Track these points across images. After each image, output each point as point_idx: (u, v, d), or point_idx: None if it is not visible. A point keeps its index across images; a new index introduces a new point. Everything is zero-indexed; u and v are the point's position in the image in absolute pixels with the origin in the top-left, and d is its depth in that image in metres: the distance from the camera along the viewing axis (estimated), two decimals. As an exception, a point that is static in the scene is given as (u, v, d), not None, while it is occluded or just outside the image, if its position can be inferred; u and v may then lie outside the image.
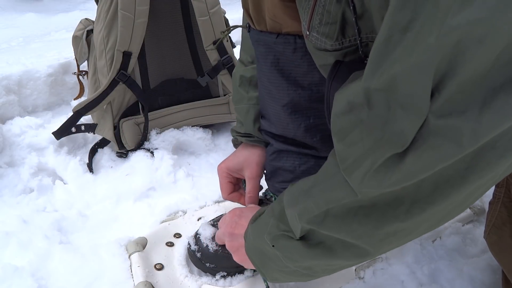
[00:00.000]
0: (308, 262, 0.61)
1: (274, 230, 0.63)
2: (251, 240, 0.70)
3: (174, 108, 1.40)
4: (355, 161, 0.48)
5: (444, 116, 0.39)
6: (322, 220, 0.55)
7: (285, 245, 0.62)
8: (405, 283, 0.85)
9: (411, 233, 0.53)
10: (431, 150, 0.41)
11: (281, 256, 0.63)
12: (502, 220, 0.68)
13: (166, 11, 1.37)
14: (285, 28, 0.72)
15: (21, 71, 1.62)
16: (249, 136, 0.90)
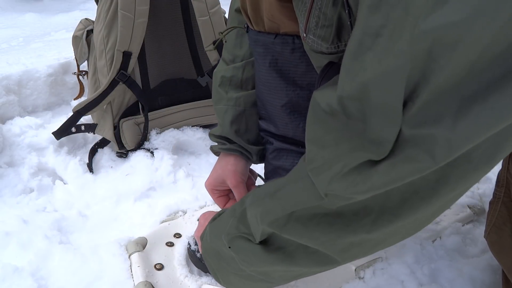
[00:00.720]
0: (266, 267, 0.59)
1: (233, 231, 0.61)
2: (208, 240, 0.69)
3: (174, 108, 1.40)
4: (324, 163, 0.46)
5: (417, 126, 0.38)
6: (284, 224, 0.53)
7: (243, 248, 0.60)
8: (405, 283, 0.85)
9: (378, 244, 0.52)
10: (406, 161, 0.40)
11: (237, 259, 0.62)
12: (503, 220, 0.68)
13: (166, 11, 1.37)
14: (283, 29, 0.72)
15: (21, 71, 1.62)
16: (224, 142, 0.87)
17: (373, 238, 0.49)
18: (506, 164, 0.67)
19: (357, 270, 0.88)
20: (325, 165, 0.46)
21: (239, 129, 0.87)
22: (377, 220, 0.46)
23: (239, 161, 0.87)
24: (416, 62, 0.36)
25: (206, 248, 0.70)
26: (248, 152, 0.87)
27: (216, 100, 0.89)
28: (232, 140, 0.87)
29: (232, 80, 0.87)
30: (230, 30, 0.88)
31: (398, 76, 0.37)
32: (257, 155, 0.88)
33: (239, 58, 0.87)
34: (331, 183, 0.46)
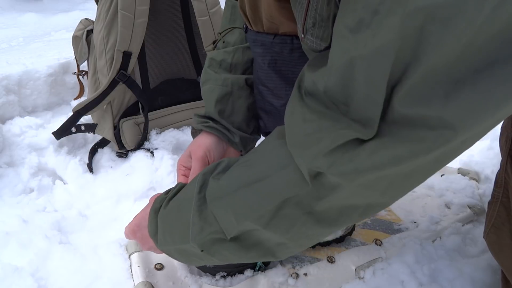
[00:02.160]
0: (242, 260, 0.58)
1: (200, 236, 0.56)
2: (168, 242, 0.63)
3: (174, 108, 1.40)
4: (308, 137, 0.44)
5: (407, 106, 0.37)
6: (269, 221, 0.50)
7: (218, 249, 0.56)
8: (405, 283, 0.85)
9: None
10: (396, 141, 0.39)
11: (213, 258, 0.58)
12: (501, 220, 0.68)
13: (166, 11, 1.37)
14: (282, 29, 0.73)
15: (21, 71, 1.62)
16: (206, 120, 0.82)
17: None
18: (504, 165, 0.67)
19: (357, 270, 0.88)
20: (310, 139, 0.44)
21: (224, 110, 0.83)
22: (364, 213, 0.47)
23: (211, 137, 0.82)
24: (407, 40, 0.35)
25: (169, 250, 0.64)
26: (231, 134, 0.82)
27: (204, 80, 0.87)
28: (216, 120, 0.82)
29: (222, 64, 0.86)
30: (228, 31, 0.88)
31: (386, 52, 0.36)
32: (240, 141, 0.83)
33: (230, 44, 0.86)
34: (316, 158, 0.44)
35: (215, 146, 0.81)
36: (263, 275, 0.86)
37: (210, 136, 0.81)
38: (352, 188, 0.45)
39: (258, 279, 0.85)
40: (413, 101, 0.37)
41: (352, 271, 0.88)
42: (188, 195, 0.59)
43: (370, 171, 0.41)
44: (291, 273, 0.87)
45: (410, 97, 0.37)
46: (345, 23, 0.40)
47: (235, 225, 0.53)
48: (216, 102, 0.82)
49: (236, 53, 0.85)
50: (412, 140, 0.38)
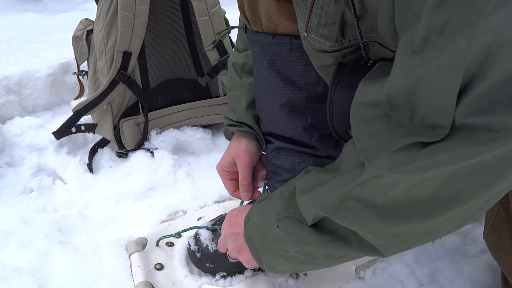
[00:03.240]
0: (314, 248, 0.60)
1: (282, 212, 0.62)
2: (254, 221, 0.69)
3: (174, 108, 1.40)
4: (378, 149, 0.47)
5: (470, 115, 0.39)
6: (336, 209, 0.54)
7: (292, 228, 0.60)
8: (405, 283, 0.85)
9: (429, 233, 0.52)
10: (454, 144, 0.41)
11: (284, 239, 0.62)
12: (501, 220, 0.68)
13: (166, 11, 1.37)
14: (281, 29, 0.72)
15: (21, 71, 1.62)
16: (240, 125, 0.88)
17: (423, 228, 0.50)
18: None
19: (357, 270, 0.88)
20: (378, 150, 0.47)
21: (255, 114, 0.87)
22: (428, 212, 0.47)
23: (251, 142, 0.88)
24: (475, 57, 0.37)
25: (251, 229, 0.69)
26: (261, 139, 0.88)
27: (231, 86, 0.91)
28: (249, 125, 0.87)
29: (244, 67, 0.88)
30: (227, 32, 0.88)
31: (455, 69, 0.39)
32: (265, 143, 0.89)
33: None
34: (377, 160, 0.47)
35: (256, 151, 0.89)
36: (263, 275, 0.86)
37: (249, 141, 0.88)
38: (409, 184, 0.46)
39: (258, 279, 0.85)
40: (476, 110, 0.39)
41: (352, 271, 0.88)
42: (282, 189, 0.66)
43: (429, 170, 0.43)
44: (291, 273, 0.87)
45: (474, 107, 0.39)
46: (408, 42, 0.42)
47: (311, 212, 0.57)
48: (247, 109, 0.87)
49: None
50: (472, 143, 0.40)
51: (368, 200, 0.50)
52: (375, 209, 0.50)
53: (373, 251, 0.55)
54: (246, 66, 0.88)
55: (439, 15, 0.39)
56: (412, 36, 0.42)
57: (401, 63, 0.44)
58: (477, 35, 0.36)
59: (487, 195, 0.45)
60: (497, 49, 0.36)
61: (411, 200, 0.47)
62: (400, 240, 0.53)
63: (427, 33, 0.40)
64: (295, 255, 0.63)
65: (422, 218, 0.48)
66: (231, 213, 0.81)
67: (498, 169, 0.42)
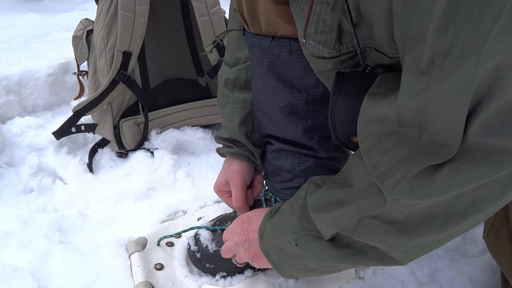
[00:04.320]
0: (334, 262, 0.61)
1: (298, 229, 0.63)
2: (269, 237, 0.69)
3: (174, 108, 1.40)
4: (389, 169, 0.48)
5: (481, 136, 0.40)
6: (354, 229, 0.55)
7: (310, 245, 0.62)
8: (405, 283, 0.85)
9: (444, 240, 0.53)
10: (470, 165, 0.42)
11: (304, 256, 0.63)
12: (500, 220, 0.68)
13: (166, 11, 1.37)
14: (280, 31, 0.72)
15: (21, 71, 1.62)
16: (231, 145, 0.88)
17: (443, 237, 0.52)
18: None
19: (357, 270, 0.88)
20: (390, 170, 0.48)
21: (247, 131, 0.87)
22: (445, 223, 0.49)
23: (242, 163, 0.88)
24: (482, 80, 0.38)
25: (268, 245, 0.70)
26: (254, 158, 0.88)
27: (223, 103, 0.90)
28: (241, 142, 0.87)
29: (236, 82, 0.87)
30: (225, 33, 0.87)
31: (463, 91, 0.39)
32: (260, 158, 0.89)
33: (241, 61, 0.87)
34: (395, 188, 0.48)
35: (247, 171, 0.89)
36: (263, 275, 0.86)
37: (240, 162, 0.88)
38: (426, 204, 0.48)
39: (258, 279, 0.85)
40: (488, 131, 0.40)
41: (352, 271, 0.88)
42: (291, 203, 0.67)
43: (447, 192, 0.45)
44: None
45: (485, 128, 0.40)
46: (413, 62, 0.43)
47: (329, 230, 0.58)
48: (240, 126, 0.87)
49: (249, 70, 0.85)
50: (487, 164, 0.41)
51: (386, 217, 0.52)
52: (393, 224, 0.52)
53: (391, 261, 0.57)
54: (238, 81, 0.87)
55: (443, 38, 0.40)
56: (417, 57, 0.42)
57: (408, 84, 0.45)
58: (483, 59, 0.37)
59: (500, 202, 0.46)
60: (504, 72, 0.37)
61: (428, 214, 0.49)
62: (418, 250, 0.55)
63: (432, 55, 0.41)
64: (316, 268, 0.65)
65: (439, 229, 0.49)
66: (241, 219, 0.80)
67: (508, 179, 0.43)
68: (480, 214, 0.47)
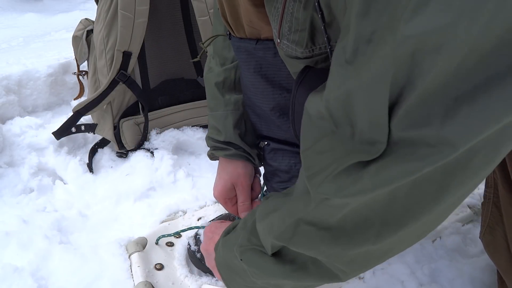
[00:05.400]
0: (277, 279, 0.59)
1: (244, 243, 0.61)
2: (221, 253, 0.68)
3: (174, 108, 1.40)
4: (321, 169, 0.46)
5: (406, 128, 0.37)
6: (290, 237, 0.53)
7: (254, 260, 0.59)
8: (405, 283, 0.85)
9: (385, 254, 0.51)
10: (396, 162, 0.39)
11: (249, 271, 0.61)
12: (495, 220, 0.68)
13: (166, 11, 1.37)
14: (264, 34, 0.72)
15: (21, 71, 1.62)
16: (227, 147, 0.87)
17: (379, 249, 0.49)
18: None
19: (357, 270, 0.88)
20: (321, 169, 0.46)
21: (241, 133, 0.86)
22: (381, 231, 0.46)
23: (247, 164, 0.88)
24: (400, 66, 0.35)
25: (219, 261, 0.69)
26: (252, 157, 0.87)
27: (213, 106, 0.89)
28: (237, 145, 0.86)
29: (225, 83, 0.86)
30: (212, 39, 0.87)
31: (381, 81, 0.37)
32: (257, 157, 0.89)
33: (229, 60, 0.86)
34: (322, 185, 0.46)
35: (252, 171, 0.90)
36: (263, 275, 0.86)
37: (244, 164, 0.88)
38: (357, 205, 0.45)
39: (258, 279, 0.85)
40: (411, 123, 0.37)
41: (352, 271, 0.88)
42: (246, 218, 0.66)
43: (374, 190, 0.42)
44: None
45: (408, 119, 0.37)
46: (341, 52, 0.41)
47: (268, 240, 0.56)
48: (234, 128, 0.86)
49: (238, 69, 0.85)
50: (412, 159, 0.38)
51: (321, 222, 0.49)
52: (329, 231, 0.49)
53: (331, 278, 0.54)
54: (227, 82, 0.86)
55: (365, 24, 0.37)
56: (345, 46, 0.40)
57: (335, 74, 0.42)
58: (399, 42, 0.34)
59: (438, 208, 0.43)
60: (421, 57, 0.34)
61: (363, 220, 0.46)
62: (358, 263, 0.52)
63: (356, 42, 0.38)
64: (262, 285, 0.62)
65: (375, 239, 0.46)
66: (209, 227, 0.81)
67: (441, 181, 0.40)
68: (417, 222, 0.44)
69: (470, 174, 0.40)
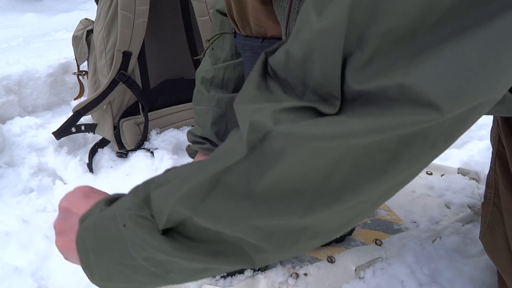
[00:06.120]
0: (166, 257, 0.46)
1: (133, 208, 0.47)
2: (93, 219, 0.53)
3: (174, 108, 1.40)
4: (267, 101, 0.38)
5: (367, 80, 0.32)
6: (203, 199, 0.40)
7: (141, 230, 0.45)
8: (405, 283, 0.85)
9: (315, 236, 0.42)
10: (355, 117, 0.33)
11: (131, 243, 0.47)
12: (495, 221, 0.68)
13: (166, 11, 1.37)
14: (270, 32, 0.72)
15: (21, 71, 1.62)
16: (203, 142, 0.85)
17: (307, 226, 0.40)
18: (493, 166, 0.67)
19: (357, 270, 0.88)
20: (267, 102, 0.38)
21: (219, 131, 0.85)
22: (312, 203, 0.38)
23: None
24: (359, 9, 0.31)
25: (87, 229, 0.53)
26: None
27: (197, 101, 0.88)
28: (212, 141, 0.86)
29: (213, 80, 0.86)
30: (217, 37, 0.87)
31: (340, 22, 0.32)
32: None
33: (220, 60, 0.86)
34: (261, 112, 0.37)
35: None
36: (263, 275, 0.86)
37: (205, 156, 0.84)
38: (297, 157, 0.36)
39: (258, 279, 0.85)
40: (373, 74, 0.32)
41: (352, 271, 0.88)
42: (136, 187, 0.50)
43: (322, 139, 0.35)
44: (291, 273, 0.87)
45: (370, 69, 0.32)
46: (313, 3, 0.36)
47: (167, 207, 0.43)
48: (212, 124, 0.84)
49: (227, 70, 0.85)
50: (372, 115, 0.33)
51: (245, 185, 0.39)
52: (251, 198, 0.39)
53: (239, 260, 0.44)
54: (215, 79, 0.86)
55: None
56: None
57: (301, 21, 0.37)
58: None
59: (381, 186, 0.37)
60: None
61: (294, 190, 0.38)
62: (274, 242, 0.41)
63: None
64: (142, 264, 0.48)
65: (303, 211, 0.38)
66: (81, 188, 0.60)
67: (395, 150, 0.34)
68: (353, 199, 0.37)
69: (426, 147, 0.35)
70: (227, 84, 0.85)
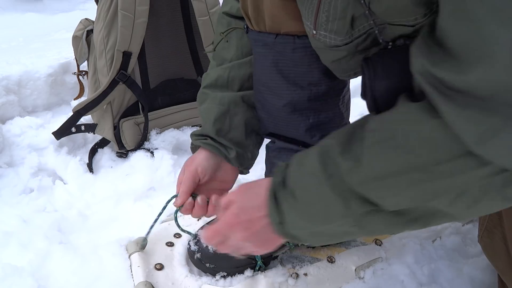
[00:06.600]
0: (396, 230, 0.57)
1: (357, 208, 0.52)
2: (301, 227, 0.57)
3: (174, 108, 1.40)
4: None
5: None
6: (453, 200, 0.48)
7: (372, 221, 0.53)
8: (405, 283, 0.85)
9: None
10: None
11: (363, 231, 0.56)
12: (493, 223, 0.68)
13: (166, 11, 1.37)
14: (284, 28, 0.73)
15: (21, 71, 1.62)
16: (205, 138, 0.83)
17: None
18: None
19: (357, 270, 0.88)
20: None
21: (221, 129, 0.83)
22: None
23: (206, 154, 0.82)
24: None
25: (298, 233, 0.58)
26: (226, 151, 0.82)
27: (201, 101, 0.87)
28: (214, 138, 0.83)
29: (218, 81, 0.86)
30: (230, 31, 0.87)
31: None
32: (237, 157, 0.83)
33: (227, 61, 0.86)
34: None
35: (207, 161, 0.82)
36: (263, 275, 0.86)
37: (203, 151, 0.83)
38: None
39: (258, 279, 0.85)
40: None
41: (352, 271, 0.88)
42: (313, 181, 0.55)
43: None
44: (291, 273, 0.87)
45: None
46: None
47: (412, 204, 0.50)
48: (215, 121, 0.83)
49: (232, 69, 0.85)
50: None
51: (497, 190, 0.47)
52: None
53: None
54: (220, 80, 0.85)
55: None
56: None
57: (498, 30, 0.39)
58: None
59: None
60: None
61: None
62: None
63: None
64: (329, 233, 0.57)
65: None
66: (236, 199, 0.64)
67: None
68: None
69: None
70: (232, 83, 0.85)
